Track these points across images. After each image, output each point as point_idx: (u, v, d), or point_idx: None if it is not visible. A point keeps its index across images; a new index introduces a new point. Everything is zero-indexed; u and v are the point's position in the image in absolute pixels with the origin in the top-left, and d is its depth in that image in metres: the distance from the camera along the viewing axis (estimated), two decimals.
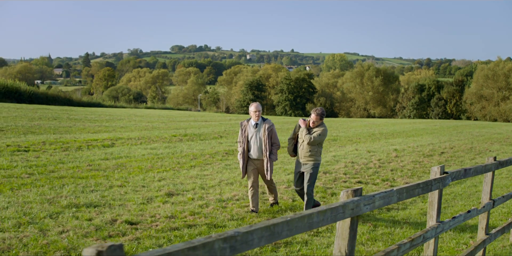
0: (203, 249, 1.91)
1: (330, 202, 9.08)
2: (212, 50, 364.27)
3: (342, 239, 2.99)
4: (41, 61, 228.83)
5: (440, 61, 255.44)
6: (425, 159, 14.97)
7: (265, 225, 2.21)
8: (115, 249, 1.63)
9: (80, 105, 54.39)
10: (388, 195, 3.24)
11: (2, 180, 9.69)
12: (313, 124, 7.96)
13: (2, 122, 20.22)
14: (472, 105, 73.37)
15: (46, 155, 13.18)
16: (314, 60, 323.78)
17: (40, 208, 7.73)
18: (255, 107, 8.18)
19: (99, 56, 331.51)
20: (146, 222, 7.34)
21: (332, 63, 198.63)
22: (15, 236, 6.29)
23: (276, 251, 6.31)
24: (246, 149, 8.21)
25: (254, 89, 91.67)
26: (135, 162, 12.88)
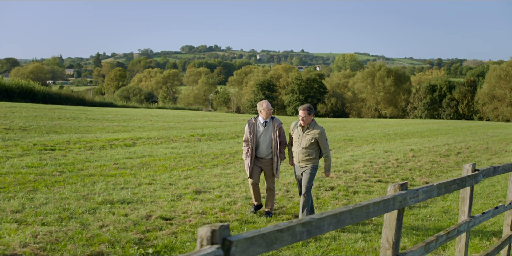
0: (287, 232, 2.22)
1: (353, 200, 9.36)
2: (222, 50, 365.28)
3: (390, 229, 3.28)
4: (53, 61, 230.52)
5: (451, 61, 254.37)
6: (442, 159, 15.20)
7: (333, 213, 2.52)
8: (224, 229, 1.94)
9: (93, 105, 54.96)
10: (429, 189, 3.53)
11: (36, 177, 10.06)
12: (304, 122, 7.62)
13: (24, 122, 20.66)
14: (484, 106, 73.19)
15: (72, 154, 13.56)
16: (324, 60, 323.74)
17: (77, 204, 8.07)
18: (267, 105, 8.03)
19: (110, 56, 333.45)
20: (179, 217, 7.66)
21: (343, 63, 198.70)
22: (60, 229, 6.63)
23: (306, 246, 6.60)
24: (254, 147, 8.06)
25: (265, 89, 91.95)
26: (158, 161, 13.23)
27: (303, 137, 7.64)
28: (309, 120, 7.65)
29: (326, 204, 8.93)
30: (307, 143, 7.59)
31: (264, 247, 2.10)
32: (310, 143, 7.58)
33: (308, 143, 7.58)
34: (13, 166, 11.09)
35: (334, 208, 8.62)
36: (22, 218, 7.12)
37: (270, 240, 2.12)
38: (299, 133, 7.71)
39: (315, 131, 7.63)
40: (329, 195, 9.60)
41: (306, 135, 7.63)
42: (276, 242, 2.16)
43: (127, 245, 6.18)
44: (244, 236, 1.99)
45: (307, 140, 7.59)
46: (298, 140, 7.69)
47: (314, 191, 10.02)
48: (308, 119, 7.63)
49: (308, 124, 7.67)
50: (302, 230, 2.31)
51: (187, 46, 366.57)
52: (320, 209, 8.52)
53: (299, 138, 7.69)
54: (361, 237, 7.08)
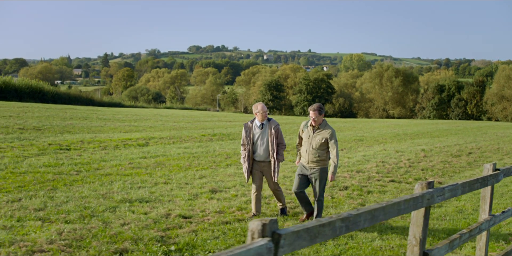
0: (328, 226, 2.34)
1: (368, 200, 9.45)
2: (229, 50, 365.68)
3: (417, 226, 3.39)
4: (61, 62, 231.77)
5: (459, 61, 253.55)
6: (454, 159, 15.26)
7: (368, 210, 2.63)
8: (273, 223, 2.06)
9: (101, 105, 55.31)
10: (455, 188, 3.64)
11: (54, 176, 10.23)
12: (315, 122, 7.48)
13: (38, 122, 20.88)
14: (493, 106, 72.98)
15: (87, 153, 13.73)
16: (332, 60, 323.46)
17: (97, 203, 8.22)
18: (262, 108, 7.85)
19: (118, 56, 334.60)
20: (198, 216, 7.79)
21: (350, 63, 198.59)
22: (83, 227, 6.77)
23: (324, 244, 6.70)
24: (251, 151, 7.92)
25: (272, 89, 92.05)
26: (172, 160, 13.37)
27: (313, 138, 7.48)
28: (320, 120, 7.51)
29: (341, 203, 9.03)
30: (317, 144, 7.42)
31: (308, 240, 2.21)
32: (320, 143, 7.41)
33: (318, 143, 7.42)
34: (31, 165, 11.27)
35: (349, 207, 8.73)
36: (45, 216, 7.27)
37: (313, 234, 2.24)
38: (309, 133, 7.55)
39: (326, 131, 7.47)
40: (343, 195, 9.70)
41: (316, 135, 7.49)
42: (318, 236, 2.28)
43: (149, 242, 6.31)
44: (292, 230, 2.11)
45: (317, 140, 7.43)
46: (308, 141, 7.52)
47: (328, 190, 10.12)
48: (319, 119, 7.49)
49: (319, 124, 7.53)
50: (341, 225, 2.42)
51: (194, 46, 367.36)
52: (336, 209, 8.62)
53: (309, 138, 7.52)
54: (378, 236, 7.17)
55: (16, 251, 5.69)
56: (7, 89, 45.93)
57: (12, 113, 24.20)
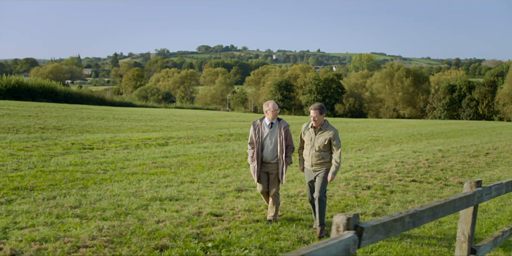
0: (399, 221, 2.52)
1: (392, 199, 9.59)
2: (238, 50, 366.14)
3: (466, 223, 3.55)
4: (71, 61, 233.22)
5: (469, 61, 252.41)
6: (472, 160, 15.36)
7: (430, 207, 2.80)
8: (356, 217, 2.24)
9: (112, 104, 55.70)
10: (500, 187, 3.80)
11: (83, 175, 10.46)
12: (315, 122, 7.19)
13: (57, 122, 21.17)
14: (504, 106, 72.69)
15: (110, 152, 13.97)
16: (341, 60, 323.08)
17: (129, 201, 8.43)
18: (273, 106, 7.58)
19: (127, 56, 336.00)
20: (228, 214, 7.98)
21: (359, 63, 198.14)
22: (120, 224, 6.98)
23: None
24: (259, 150, 7.63)
25: (282, 89, 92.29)
26: (194, 160, 13.57)
27: (315, 139, 7.24)
28: (321, 120, 7.23)
29: (366, 202, 9.18)
30: (320, 145, 7.19)
31: (383, 234, 2.39)
32: (323, 145, 7.18)
33: (321, 145, 7.19)
34: (58, 164, 11.51)
35: (375, 206, 8.88)
36: (82, 213, 7.49)
37: (388, 228, 2.42)
38: (311, 135, 7.29)
39: (329, 132, 7.21)
40: (367, 194, 9.85)
41: (319, 137, 7.23)
42: (391, 230, 2.46)
43: (187, 239, 6.50)
44: (371, 224, 2.29)
45: (320, 142, 7.19)
46: (311, 143, 7.28)
47: (351, 189, 10.28)
48: (320, 119, 7.20)
49: (320, 125, 7.25)
50: (409, 220, 2.60)
51: (203, 46, 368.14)
52: (361, 208, 8.77)
53: (311, 141, 7.28)
54: (406, 234, 7.32)
55: (62, 246, 5.90)
56: (20, 89, 46.44)
57: (30, 113, 24.52)
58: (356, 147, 17.84)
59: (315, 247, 1.94)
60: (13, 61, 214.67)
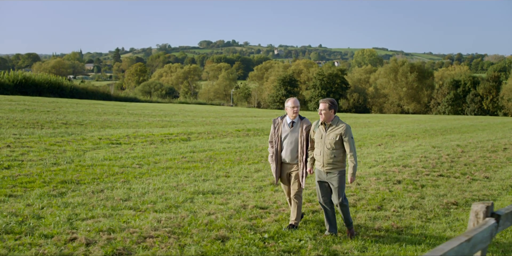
0: None
1: (425, 193, 9.84)
2: (240, 45, 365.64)
3: None
4: (73, 57, 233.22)
5: (471, 56, 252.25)
6: (492, 155, 15.61)
7: None
8: (492, 205, 2.50)
9: (117, 99, 55.99)
10: None
11: (121, 169, 10.74)
12: (324, 117, 6.74)
13: (77, 117, 21.46)
14: (509, 102, 72.81)
15: (138, 147, 14.24)
16: (342, 56, 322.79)
17: (174, 194, 8.71)
18: (293, 102, 7.14)
19: (128, 51, 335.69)
20: (272, 207, 8.25)
21: (362, 58, 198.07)
22: (175, 216, 7.26)
23: (400, 233, 7.13)
24: (279, 150, 7.24)
25: (287, 85, 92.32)
26: (221, 155, 13.84)
27: (326, 136, 6.77)
28: (329, 116, 6.76)
29: (401, 196, 9.43)
30: (331, 142, 6.71)
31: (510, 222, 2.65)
32: (334, 141, 6.70)
33: (332, 142, 6.70)
34: (93, 159, 11.79)
35: (410, 200, 9.14)
36: (134, 206, 7.77)
37: None
38: (322, 133, 6.84)
39: (339, 128, 6.75)
40: (400, 188, 10.11)
41: (329, 133, 6.76)
42: None
43: (243, 230, 6.77)
44: (504, 212, 2.55)
45: (331, 138, 6.72)
46: (321, 141, 6.81)
47: (383, 184, 10.54)
48: (328, 114, 6.75)
49: (330, 120, 6.80)
50: None
51: (205, 41, 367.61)
52: (397, 201, 9.03)
53: (321, 138, 6.82)
54: (447, 227, 7.58)
55: (129, 237, 6.19)
56: (27, 84, 46.83)
57: (47, 108, 24.79)
58: (375, 142, 18.10)
59: (474, 231, 2.19)
60: (15, 56, 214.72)
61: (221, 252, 5.95)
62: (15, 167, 10.19)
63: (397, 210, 8.39)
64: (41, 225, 6.51)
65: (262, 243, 6.37)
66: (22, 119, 18.73)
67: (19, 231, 6.15)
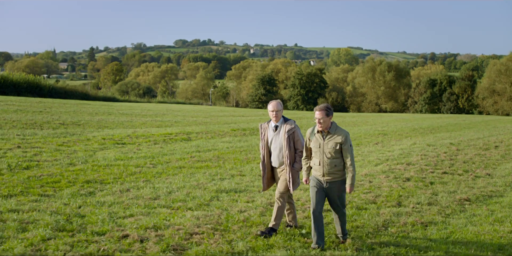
0: None
1: (437, 190, 10.24)
2: (216, 44, 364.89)
3: None
4: (46, 55, 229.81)
5: (444, 55, 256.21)
6: (486, 152, 16.14)
7: None
8: None
9: (96, 99, 55.55)
10: None
11: (137, 169, 10.90)
12: (321, 126, 6.34)
13: (72, 117, 21.44)
14: (484, 100, 74.45)
15: (143, 147, 14.38)
16: (318, 55, 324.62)
17: (199, 193, 8.93)
18: (273, 106, 6.86)
19: (103, 50, 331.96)
20: (298, 204, 8.54)
21: (338, 58, 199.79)
22: (210, 213, 7.50)
23: (425, 229, 7.47)
24: (267, 156, 7.04)
25: (266, 84, 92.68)
26: (227, 154, 14.05)
27: (324, 145, 6.39)
28: (327, 123, 6.36)
29: (415, 193, 9.80)
30: (331, 151, 6.34)
31: None
32: (334, 150, 6.33)
33: (332, 151, 6.33)
34: (105, 159, 11.91)
35: (426, 197, 9.51)
36: (166, 204, 7.98)
37: None
38: (319, 141, 6.43)
39: (339, 136, 6.36)
40: (411, 186, 10.48)
41: (328, 142, 6.38)
42: None
43: (280, 226, 7.03)
44: None
45: (330, 147, 6.34)
46: (319, 150, 6.42)
47: (393, 181, 10.89)
48: (327, 122, 6.35)
49: (328, 129, 6.40)
50: None
51: (181, 40, 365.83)
52: (414, 198, 9.39)
53: (320, 147, 6.42)
54: (468, 222, 7.95)
55: (176, 233, 6.42)
56: (5, 84, 46.23)
57: (38, 108, 24.64)
58: (371, 141, 18.51)
59: None
60: None
61: (268, 247, 6.22)
62: (34, 168, 10.28)
63: (416, 206, 8.75)
64: (87, 223, 6.69)
65: (303, 238, 6.65)
66: (19, 119, 18.65)
67: (71, 229, 6.34)
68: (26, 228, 6.25)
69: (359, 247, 6.36)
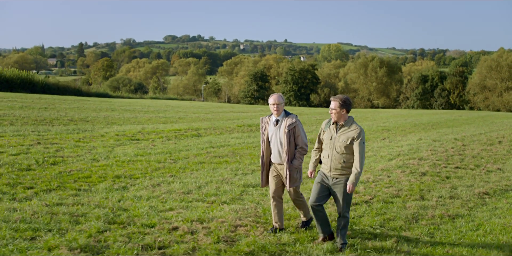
0: None
1: (454, 185, 10.53)
2: (206, 40, 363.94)
3: None
4: (35, 51, 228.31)
5: (433, 51, 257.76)
6: (492, 148, 16.48)
7: None
8: None
9: (89, 95, 55.36)
10: None
11: (160, 165, 11.11)
12: (335, 117, 6.15)
13: (78, 114, 21.53)
14: (475, 96, 75.27)
15: (158, 143, 14.56)
16: (308, 50, 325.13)
17: (228, 187, 9.16)
18: (274, 99, 6.64)
19: (92, 46, 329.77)
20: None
21: (328, 53, 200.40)
22: (245, 207, 7.74)
23: (453, 222, 7.76)
24: (266, 151, 6.86)
25: (258, 80, 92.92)
26: (242, 150, 14.27)
27: (336, 138, 6.17)
28: (341, 115, 6.15)
29: (433, 188, 10.08)
30: (341, 145, 6.11)
31: None
32: (345, 145, 6.09)
33: (343, 145, 6.10)
34: (126, 155, 12.10)
35: (446, 191, 9.81)
36: (201, 198, 8.23)
37: None
38: (332, 133, 6.24)
39: (353, 131, 6.12)
40: (429, 180, 10.77)
41: (340, 135, 6.16)
42: None
43: None
44: None
45: (342, 141, 6.11)
46: (331, 142, 6.22)
47: (410, 175, 11.17)
48: (340, 114, 6.13)
49: (343, 121, 6.20)
50: None
51: (170, 35, 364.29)
52: (435, 191, 9.68)
53: (331, 140, 6.22)
54: (492, 215, 8.25)
55: (221, 226, 6.65)
56: None
57: (42, 104, 24.68)
58: (378, 137, 18.79)
59: None
60: None
61: (311, 239, 6.47)
62: (60, 163, 10.45)
63: (438, 200, 9.03)
64: (132, 216, 6.90)
65: None
66: (28, 116, 18.73)
67: (121, 222, 6.56)
68: (78, 221, 6.47)
69: (396, 239, 6.62)
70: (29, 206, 6.97)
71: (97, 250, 5.49)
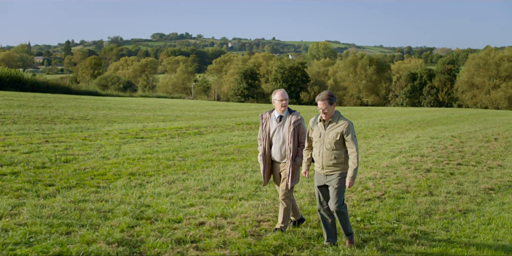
0: None
1: (460, 181, 10.80)
2: (194, 38, 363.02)
3: None
4: (21, 49, 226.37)
5: (420, 49, 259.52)
6: (489, 145, 16.82)
7: None
8: None
9: (79, 93, 55.36)
10: None
11: (170, 162, 11.26)
12: (325, 115, 6.00)
13: (77, 112, 21.60)
14: (463, 93, 76.07)
15: (163, 141, 14.70)
16: (296, 48, 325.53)
17: (242, 184, 9.35)
18: (281, 95, 6.54)
19: (79, 43, 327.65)
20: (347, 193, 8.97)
21: (316, 51, 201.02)
22: (263, 203, 7.92)
23: (465, 216, 7.99)
24: (267, 148, 6.65)
25: (248, 78, 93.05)
26: (246, 147, 14.46)
27: (325, 135, 6.04)
28: (331, 112, 6.03)
29: (440, 183, 10.34)
30: (331, 142, 5.98)
31: None
32: (335, 141, 5.95)
33: (332, 141, 5.97)
34: (134, 153, 12.23)
35: (453, 187, 10.06)
36: (218, 195, 8.41)
37: None
38: (320, 131, 6.10)
39: (341, 125, 5.99)
40: (435, 176, 11.02)
41: (329, 132, 6.02)
42: None
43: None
44: None
45: (331, 137, 5.98)
46: (320, 140, 6.09)
47: (414, 172, 11.42)
48: (331, 111, 6.01)
49: (330, 117, 6.05)
50: None
51: (158, 33, 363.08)
52: (443, 187, 9.92)
53: (320, 137, 6.09)
54: (500, 209, 8.50)
55: (244, 221, 6.83)
56: None
57: (39, 103, 24.68)
58: (376, 134, 19.08)
59: None
60: None
61: None
62: (72, 161, 10.56)
63: (447, 195, 9.28)
64: (157, 211, 7.05)
65: (357, 223, 7.12)
66: (28, 114, 18.77)
67: (148, 217, 6.72)
68: (107, 216, 6.61)
69: (415, 233, 6.83)
70: (56, 203, 7.10)
71: (133, 244, 5.65)
